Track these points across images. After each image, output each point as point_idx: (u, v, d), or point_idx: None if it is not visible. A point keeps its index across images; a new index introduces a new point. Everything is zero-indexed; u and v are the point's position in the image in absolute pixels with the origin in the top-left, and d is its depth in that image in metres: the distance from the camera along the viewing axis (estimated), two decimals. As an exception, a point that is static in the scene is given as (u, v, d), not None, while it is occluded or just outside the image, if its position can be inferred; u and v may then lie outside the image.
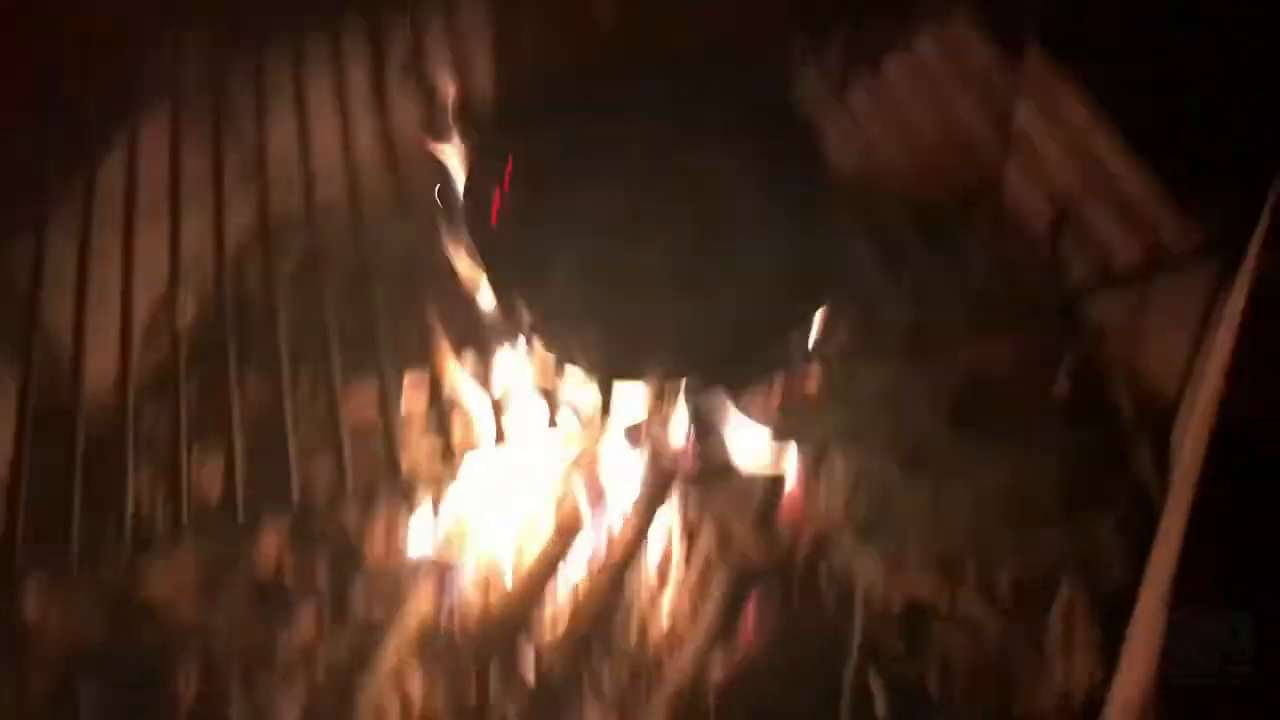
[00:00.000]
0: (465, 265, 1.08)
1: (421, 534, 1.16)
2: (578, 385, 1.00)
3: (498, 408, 0.95)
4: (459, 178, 1.10)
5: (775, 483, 1.17)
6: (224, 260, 1.12)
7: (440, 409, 0.99)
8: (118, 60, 1.29)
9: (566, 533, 1.12)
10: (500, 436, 0.96)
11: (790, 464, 1.17)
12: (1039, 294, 1.13)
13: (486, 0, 1.33)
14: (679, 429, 1.11)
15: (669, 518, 1.14)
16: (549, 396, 0.97)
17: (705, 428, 1.12)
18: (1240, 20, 1.02)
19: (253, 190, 1.39)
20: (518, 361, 1.02)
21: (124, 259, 1.13)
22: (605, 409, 0.97)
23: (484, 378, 1.02)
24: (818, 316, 1.02)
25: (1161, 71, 1.05)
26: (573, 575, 1.12)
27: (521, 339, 0.99)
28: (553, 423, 0.96)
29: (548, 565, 1.10)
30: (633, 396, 1.01)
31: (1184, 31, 1.08)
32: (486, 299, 1.04)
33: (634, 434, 1.11)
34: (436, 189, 1.10)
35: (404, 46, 1.28)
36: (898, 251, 1.03)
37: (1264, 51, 1.00)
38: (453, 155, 1.11)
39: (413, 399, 1.14)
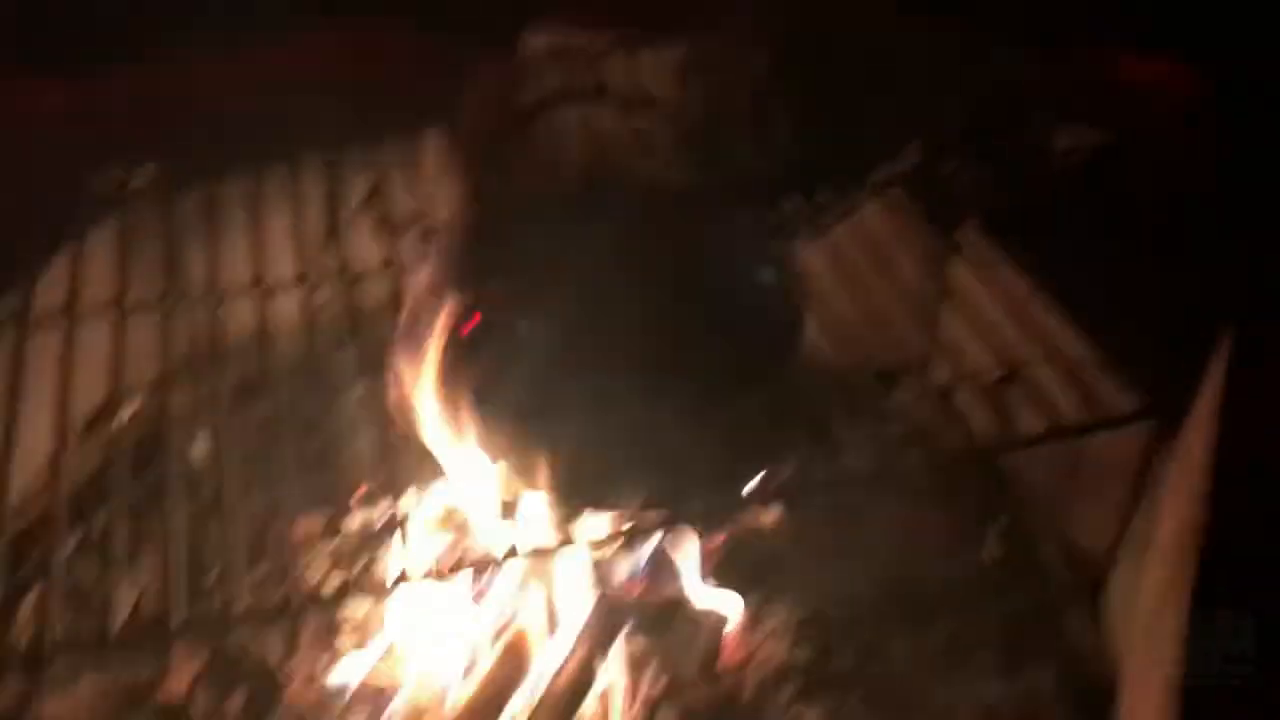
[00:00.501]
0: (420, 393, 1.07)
1: (356, 664, 1.11)
2: (538, 513, 0.98)
3: (455, 533, 0.93)
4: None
5: (719, 627, 1.16)
6: (168, 372, 1.09)
7: (395, 534, 0.96)
8: (67, 177, 1.28)
9: (512, 663, 1.08)
10: (453, 564, 0.94)
11: (734, 610, 1.17)
12: (971, 455, 1.16)
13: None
14: (634, 564, 1.10)
15: (615, 654, 1.12)
16: (507, 523, 0.95)
17: (659, 565, 1.11)
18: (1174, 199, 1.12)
19: (192, 316, 1.39)
20: (476, 487, 1.01)
21: (61, 364, 1.09)
22: (565, 539, 0.95)
23: (437, 503, 1.01)
24: (773, 464, 1.03)
25: (1095, 245, 1.13)
26: (515, 708, 1.08)
27: (486, 465, 0.97)
28: (511, 552, 0.93)
29: (491, 697, 1.06)
30: (591, 528, 0.99)
31: (1113, 208, 1.17)
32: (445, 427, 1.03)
33: (589, 565, 1.09)
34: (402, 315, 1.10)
35: (365, 179, 1.31)
36: (853, 405, 1.06)
37: (1198, 229, 1.08)
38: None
39: (356, 525, 1.12)
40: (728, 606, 1.17)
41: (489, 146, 1.24)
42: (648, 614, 1.15)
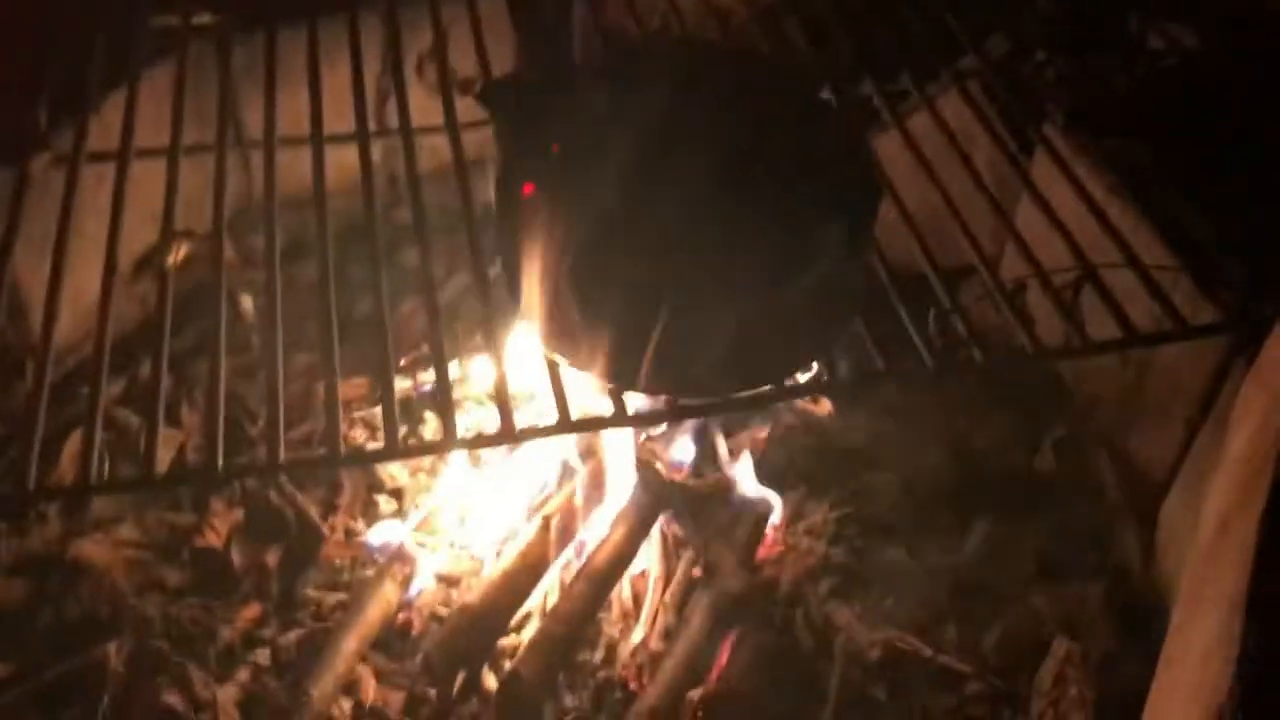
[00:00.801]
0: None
1: (394, 526, 1.11)
2: (585, 390, 0.96)
3: (503, 404, 0.90)
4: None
5: (761, 518, 1.14)
6: (220, 220, 1.07)
7: (440, 402, 0.94)
8: (126, 15, 1.25)
9: (550, 537, 1.07)
10: (505, 433, 0.91)
11: (776, 503, 1.15)
12: (1037, 358, 1.13)
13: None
14: (679, 448, 1.09)
15: (654, 536, 1.11)
16: (554, 398, 0.92)
17: (704, 451, 1.09)
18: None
19: (246, 165, 1.37)
20: (528, 360, 0.98)
21: (113, 205, 1.07)
22: (610, 418, 0.92)
23: (493, 373, 0.98)
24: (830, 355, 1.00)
25: (1180, 149, 1.08)
26: (551, 581, 1.08)
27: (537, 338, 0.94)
28: (556, 427, 0.90)
29: (528, 568, 1.06)
30: (638, 408, 0.97)
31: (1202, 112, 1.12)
32: (503, 299, 1.00)
33: (635, 446, 1.08)
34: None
35: (425, 36, 1.27)
36: (918, 298, 1.02)
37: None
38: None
39: (401, 391, 1.10)
40: (770, 498, 1.16)
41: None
42: (689, 499, 1.14)
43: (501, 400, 0.89)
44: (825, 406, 1.22)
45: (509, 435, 0.88)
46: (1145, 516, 1.14)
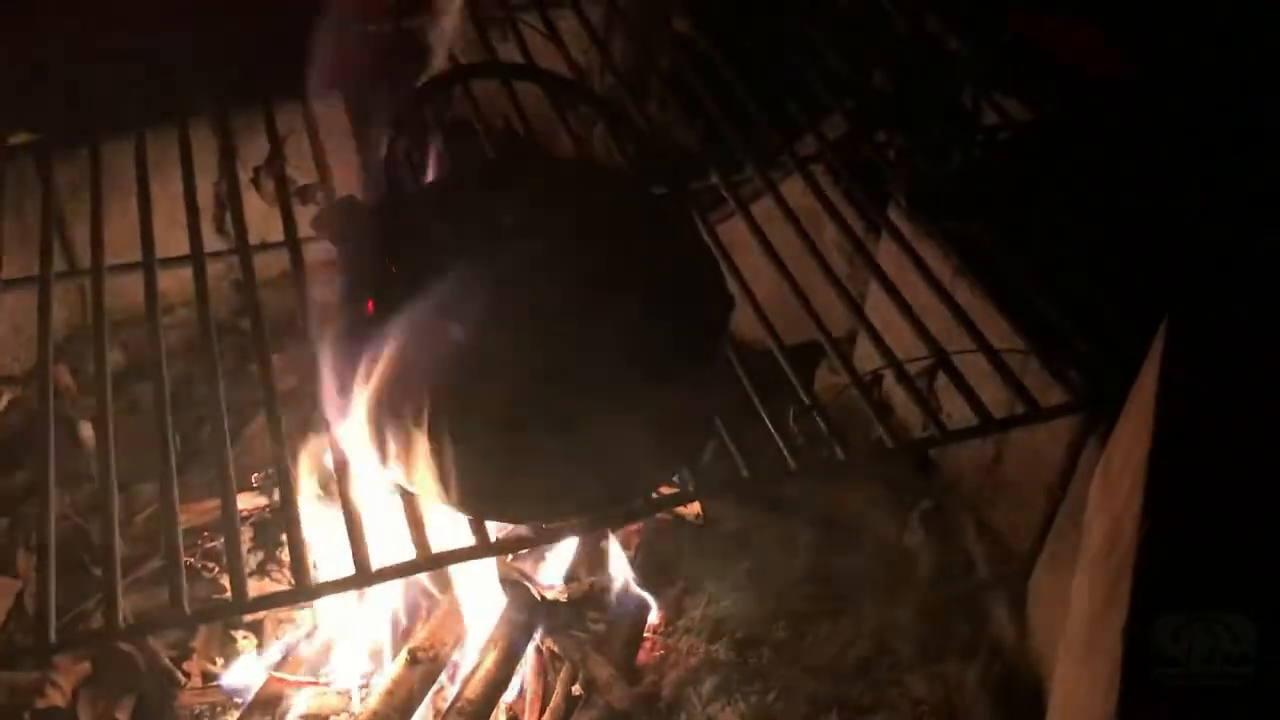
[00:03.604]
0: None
1: (253, 667, 1.06)
2: (444, 517, 0.92)
3: (357, 544, 0.86)
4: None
5: (639, 623, 1.12)
6: (46, 353, 1.00)
7: (290, 538, 0.89)
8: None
9: (420, 669, 1.03)
10: (360, 576, 0.87)
11: (651, 607, 1.13)
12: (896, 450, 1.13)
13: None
14: (547, 566, 1.06)
15: (528, 658, 1.08)
16: (414, 534, 0.88)
17: (574, 565, 1.06)
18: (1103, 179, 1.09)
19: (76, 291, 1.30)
20: (378, 490, 0.94)
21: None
22: (472, 544, 0.89)
23: (342, 504, 0.94)
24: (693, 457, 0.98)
25: (1025, 224, 1.10)
26: (423, 716, 1.04)
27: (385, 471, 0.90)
28: (418, 562, 0.86)
29: (398, 704, 1.01)
30: (501, 531, 0.94)
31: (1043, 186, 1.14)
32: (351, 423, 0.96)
33: (500, 569, 1.04)
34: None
35: (260, 145, 1.22)
36: (774, 391, 1.01)
37: (1133, 209, 1.05)
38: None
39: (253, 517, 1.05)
40: (645, 604, 1.14)
41: (401, 115, 1.17)
42: (562, 615, 1.11)
43: (355, 539, 0.85)
44: (694, 507, 1.21)
45: (364, 578, 0.85)
46: (1015, 588, 1.15)
